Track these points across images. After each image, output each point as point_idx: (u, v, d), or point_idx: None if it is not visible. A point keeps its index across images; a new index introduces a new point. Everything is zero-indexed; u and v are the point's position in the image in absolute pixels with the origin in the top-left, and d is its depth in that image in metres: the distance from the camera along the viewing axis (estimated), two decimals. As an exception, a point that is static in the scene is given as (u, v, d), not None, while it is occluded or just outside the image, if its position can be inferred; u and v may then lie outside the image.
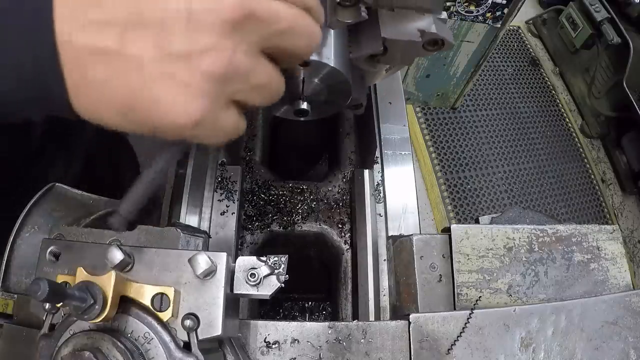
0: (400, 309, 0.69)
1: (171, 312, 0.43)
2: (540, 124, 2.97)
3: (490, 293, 0.62)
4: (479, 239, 0.64)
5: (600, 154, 2.93)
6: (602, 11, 2.59)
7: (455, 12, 2.05)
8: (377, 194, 0.88)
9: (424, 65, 2.46)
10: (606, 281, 0.64)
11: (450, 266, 0.63)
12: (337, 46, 0.56)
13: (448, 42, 0.56)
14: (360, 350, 0.56)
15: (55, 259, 0.47)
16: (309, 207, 0.94)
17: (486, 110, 2.94)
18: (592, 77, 2.78)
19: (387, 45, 0.57)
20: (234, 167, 0.90)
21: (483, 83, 3.04)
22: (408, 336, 0.56)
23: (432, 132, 2.78)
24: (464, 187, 2.64)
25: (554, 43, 3.16)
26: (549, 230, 0.65)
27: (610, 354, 0.57)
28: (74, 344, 0.41)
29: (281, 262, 0.49)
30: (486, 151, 2.78)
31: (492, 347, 0.55)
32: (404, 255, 0.68)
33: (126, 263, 0.44)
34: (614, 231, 0.67)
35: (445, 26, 0.57)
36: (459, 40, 2.23)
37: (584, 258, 0.65)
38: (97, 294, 0.40)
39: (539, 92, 3.10)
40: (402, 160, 0.92)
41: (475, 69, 2.44)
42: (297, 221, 0.93)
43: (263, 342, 0.56)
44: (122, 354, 0.40)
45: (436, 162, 2.68)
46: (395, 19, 0.57)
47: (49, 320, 0.45)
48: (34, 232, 0.69)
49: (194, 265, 0.44)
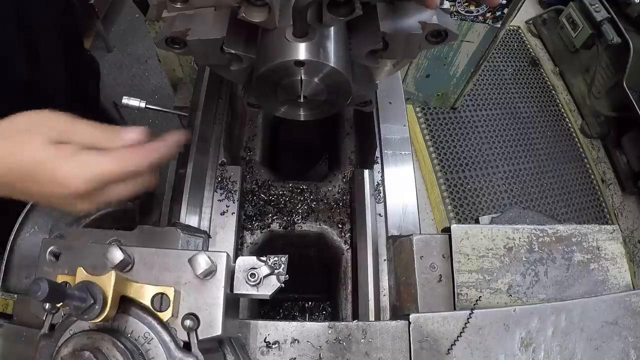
0: (400, 309, 0.69)
1: (171, 312, 0.43)
2: (540, 124, 2.97)
3: (490, 293, 0.62)
4: (479, 239, 0.64)
5: (600, 154, 2.92)
6: (602, 11, 2.59)
7: (455, 12, 2.05)
8: (377, 194, 0.88)
9: (424, 65, 2.46)
10: (606, 281, 0.64)
11: (450, 266, 0.63)
12: (337, 46, 0.56)
13: (452, 33, 0.56)
14: (360, 350, 0.56)
15: (55, 259, 0.47)
16: (309, 207, 0.94)
17: (486, 110, 2.94)
18: (592, 77, 2.78)
19: (388, 39, 0.57)
20: (234, 167, 0.90)
21: (483, 83, 3.04)
22: (408, 336, 0.56)
23: (432, 132, 2.77)
24: (464, 187, 2.64)
25: (554, 43, 3.16)
26: (549, 230, 0.65)
27: (610, 354, 0.57)
28: (74, 344, 0.41)
29: (281, 262, 0.49)
30: (486, 151, 2.78)
31: (492, 347, 0.55)
32: (404, 255, 0.68)
33: (126, 263, 0.44)
34: (614, 231, 0.67)
35: (448, 17, 0.57)
36: (459, 40, 2.23)
37: (584, 258, 0.65)
38: (97, 294, 0.40)
39: (539, 92, 3.10)
40: (402, 160, 0.92)
41: (475, 69, 2.44)
42: (297, 221, 0.93)
43: (263, 342, 0.56)
44: (122, 354, 0.40)
45: (436, 162, 2.68)
46: (394, 13, 0.57)
47: (49, 320, 0.45)
48: (34, 232, 0.69)
49: (194, 265, 0.44)
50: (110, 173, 0.53)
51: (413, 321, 0.56)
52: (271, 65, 0.53)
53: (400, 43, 0.57)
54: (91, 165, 0.52)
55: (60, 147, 0.52)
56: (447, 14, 0.57)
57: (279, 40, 0.53)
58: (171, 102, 2.39)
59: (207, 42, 0.57)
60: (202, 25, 0.56)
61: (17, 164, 0.52)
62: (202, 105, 0.95)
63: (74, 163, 0.52)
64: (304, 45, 0.53)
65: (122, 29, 3.22)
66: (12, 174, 0.53)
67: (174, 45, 0.59)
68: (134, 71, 3.05)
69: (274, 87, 0.58)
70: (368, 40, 0.58)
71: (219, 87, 1.00)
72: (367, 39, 0.58)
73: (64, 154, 0.52)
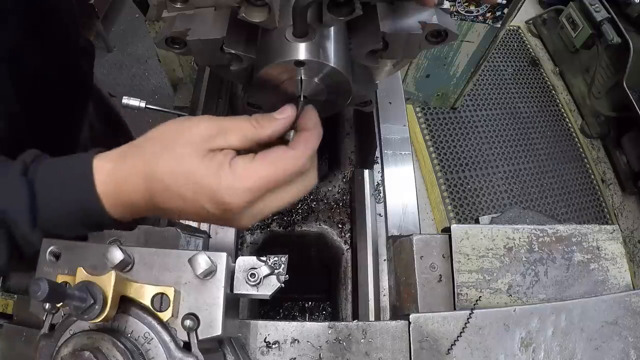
0: (400, 309, 0.69)
1: (171, 312, 0.43)
2: (540, 124, 2.97)
3: (490, 293, 0.62)
4: (479, 239, 0.64)
5: (600, 154, 2.92)
6: (602, 11, 2.59)
7: (455, 12, 2.05)
8: (377, 194, 0.88)
9: (424, 65, 2.46)
10: (606, 281, 0.64)
11: (450, 266, 0.63)
12: (337, 46, 0.56)
13: (452, 33, 0.56)
14: (360, 350, 0.56)
15: (55, 259, 0.47)
16: (309, 207, 0.94)
17: (486, 110, 2.94)
18: (592, 77, 2.78)
19: (388, 39, 0.57)
20: (234, 167, 0.90)
21: (483, 83, 3.04)
22: (408, 336, 0.56)
23: (432, 132, 2.78)
24: (464, 187, 2.64)
25: (554, 43, 3.16)
26: (549, 230, 0.65)
27: (610, 354, 0.57)
28: (74, 344, 0.41)
29: (281, 262, 0.49)
30: (486, 151, 2.78)
31: (492, 347, 0.55)
32: (404, 255, 0.68)
33: (126, 263, 0.44)
34: (614, 231, 0.67)
35: (448, 16, 0.57)
36: (459, 40, 2.23)
37: (584, 258, 0.65)
38: (97, 294, 0.40)
39: (539, 92, 3.10)
40: (402, 160, 0.92)
41: (475, 69, 2.44)
42: (297, 221, 0.93)
43: (263, 342, 0.56)
44: (122, 354, 0.40)
45: (436, 162, 2.68)
46: (395, 13, 0.56)
47: (49, 320, 0.45)
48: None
49: (194, 265, 0.44)
50: (269, 179, 0.47)
51: (413, 321, 0.56)
52: (271, 65, 0.53)
53: (400, 43, 0.57)
54: (251, 174, 0.46)
55: (213, 158, 0.47)
56: (447, 14, 0.57)
57: (279, 40, 0.53)
58: (171, 102, 2.39)
59: (207, 42, 0.57)
60: (202, 25, 0.56)
61: (161, 180, 0.47)
62: (202, 105, 0.95)
63: (229, 176, 0.46)
64: (304, 45, 0.53)
65: (122, 29, 3.22)
66: (163, 195, 0.47)
67: (174, 45, 0.59)
68: (134, 71, 3.05)
69: (274, 87, 0.58)
70: (368, 40, 0.58)
71: (219, 87, 1.00)
72: (367, 39, 0.58)
73: (219, 166, 0.46)
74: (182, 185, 0.47)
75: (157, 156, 0.47)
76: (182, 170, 0.46)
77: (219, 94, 0.99)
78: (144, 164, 0.48)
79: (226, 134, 0.48)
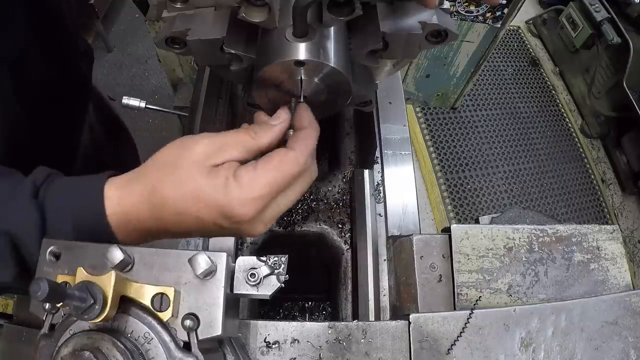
0: (400, 309, 0.69)
1: (171, 312, 0.43)
2: (540, 124, 2.97)
3: (490, 293, 0.62)
4: (479, 239, 0.64)
5: (600, 154, 2.92)
6: (602, 11, 2.59)
7: (455, 12, 2.05)
8: (377, 194, 0.88)
9: (424, 65, 2.46)
10: (606, 281, 0.64)
11: (450, 266, 0.63)
12: (337, 46, 0.56)
13: (452, 33, 0.56)
14: (360, 350, 0.56)
15: (55, 259, 0.47)
16: (309, 207, 0.94)
17: (486, 110, 2.94)
18: (592, 77, 2.78)
19: (388, 39, 0.57)
20: (234, 167, 0.90)
21: (483, 83, 3.04)
22: (408, 336, 0.56)
23: (432, 132, 2.78)
24: (464, 187, 2.64)
25: (554, 43, 3.16)
26: (549, 230, 0.65)
27: (610, 354, 0.57)
28: (74, 344, 0.41)
29: (281, 262, 0.49)
30: (486, 151, 2.78)
31: (492, 347, 0.55)
32: (404, 255, 0.68)
33: (126, 263, 0.44)
34: (614, 231, 0.67)
35: (448, 17, 0.57)
36: (459, 40, 2.23)
37: (584, 258, 0.65)
38: (97, 294, 0.40)
39: (539, 92, 3.10)
40: (402, 160, 0.92)
41: (475, 69, 2.44)
42: (297, 221, 0.93)
43: (263, 342, 0.56)
44: (122, 354, 0.40)
45: (436, 162, 2.68)
46: (395, 13, 0.57)
47: (49, 320, 0.45)
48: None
49: (194, 265, 0.44)
50: (275, 184, 0.48)
51: (413, 321, 0.56)
52: (271, 65, 0.53)
53: (400, 43, 0.57)
54: (257, 183, 0.47)
55: (217, 174, 0.47)
56: (447, 14, 0.57)
57: (279, 40, 0.54)
58: (171, 102, 2.39)
59: (207, 42, 0.57)
60: (202, 25, 0.56)
61: (170, 205, 0.47)
62: (202, 105, 0.95)
63: (236, 188, 0.47)
64: (304, 45, 0.53)
65: (122, 29, 3.22)
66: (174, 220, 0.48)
67: (174, 45, 0.59)
68: (134, 71, 3.05)
69: (274, 87, 0.58)
70: (368, 40, 0.58)
71: (219, 87, 1.00)
72: (367, 39, 0.58)
73: (224, 180, 0.47)
74: (191, 207, 0.47)
75: (162, 182, 0.48)
76: (189, 192, 0.47)
77: (219, 94, 0.99)
78: (150, 193, 0.48)
79: (227, 149, 0.49)
